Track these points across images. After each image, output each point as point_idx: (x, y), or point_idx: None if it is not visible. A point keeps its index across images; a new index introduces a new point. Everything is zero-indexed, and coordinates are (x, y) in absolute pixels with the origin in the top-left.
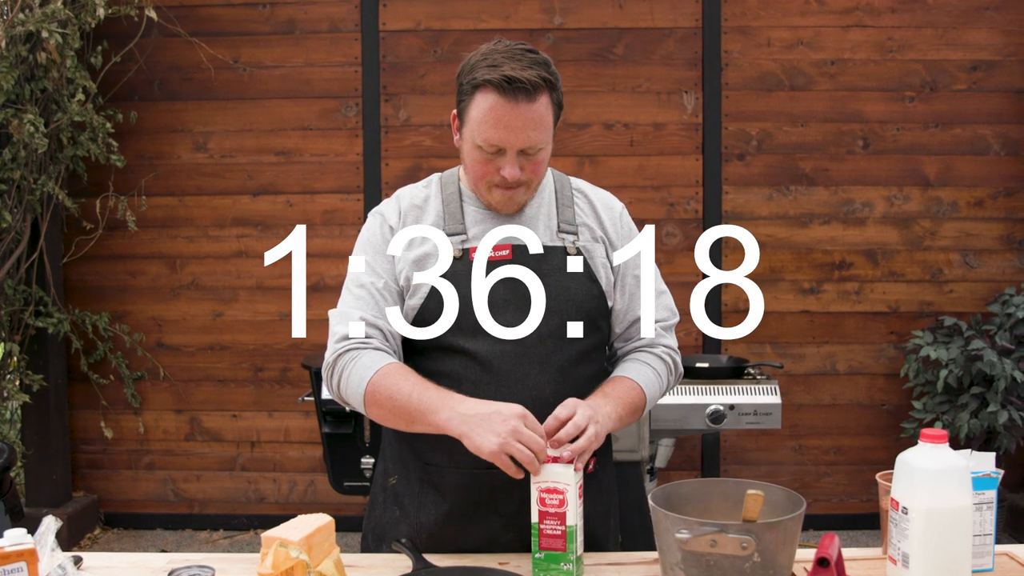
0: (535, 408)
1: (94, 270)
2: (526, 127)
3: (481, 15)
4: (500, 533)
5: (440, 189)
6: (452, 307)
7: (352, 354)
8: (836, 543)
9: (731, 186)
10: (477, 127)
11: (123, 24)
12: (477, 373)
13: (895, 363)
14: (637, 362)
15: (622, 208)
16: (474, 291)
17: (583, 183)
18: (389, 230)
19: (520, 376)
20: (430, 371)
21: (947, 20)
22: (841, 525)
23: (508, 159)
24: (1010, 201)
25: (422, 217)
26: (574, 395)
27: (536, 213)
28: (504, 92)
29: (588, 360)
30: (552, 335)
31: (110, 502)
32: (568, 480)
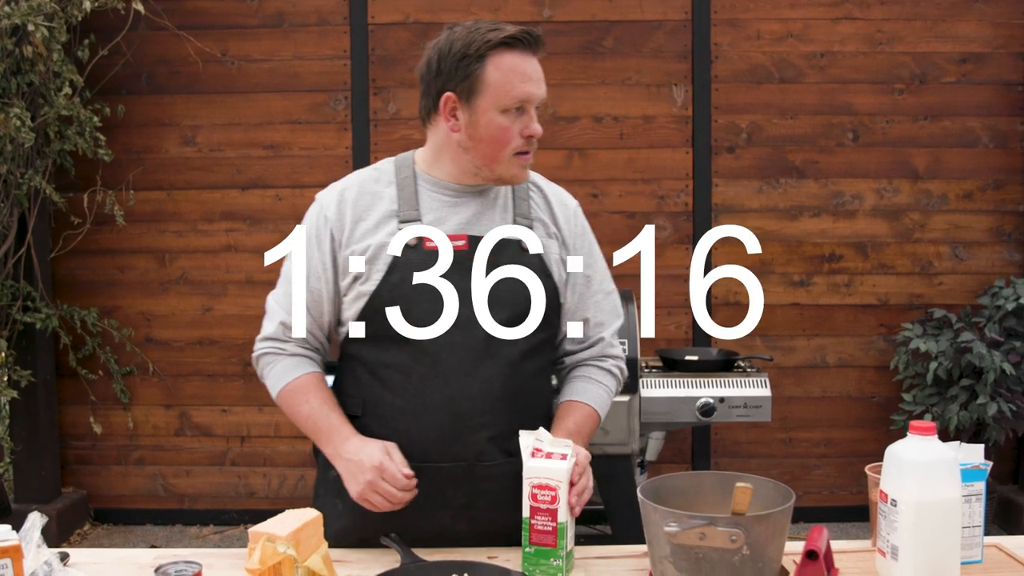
0: (485, 400)
1: (82, 265)
2: (542, 79)
3: (470, 7)
4: (449, 525)
5: (395, 173)
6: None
7: (268, 359)
8: (825, 535)
9: (721, 179)
10: (503, 89)
11: (110, 17)
12: (425, 366)
13: (885, 355)
14: (592, 382)
15: (576, 206)
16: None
17: (538, 177)
18: (325, 222)
19: (469, 369)
20: (380, 362)
21: (936, 12)
22: (831, 517)
23: (531, 115)
24: (999, 193)
25: (374, 204)
26: (523, 388)
27: (493, 204)
28: (524, 47)
29: (538, 354)
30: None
31: (99, 498)
32: (560, 477)
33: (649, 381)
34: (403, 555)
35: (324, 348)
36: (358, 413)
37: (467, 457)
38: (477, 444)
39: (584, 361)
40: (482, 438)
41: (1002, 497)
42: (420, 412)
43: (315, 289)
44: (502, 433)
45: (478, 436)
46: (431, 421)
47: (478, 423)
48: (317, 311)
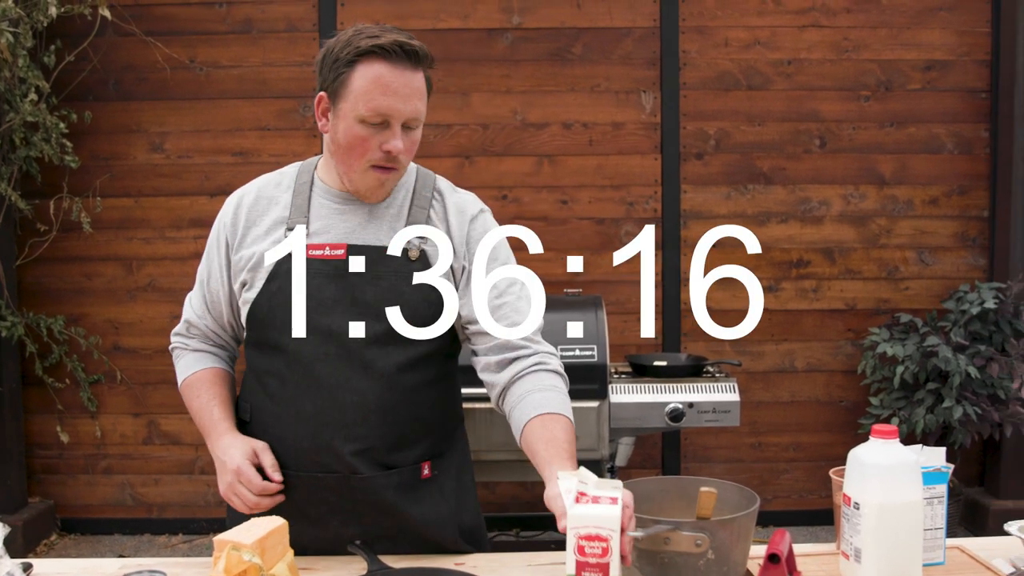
0: (357, 413)
1: (49, 272)
2: (413, 96)
3: (440, 15)
4: (340, 530)
5: (295, 179)
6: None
7: (176, 352)
8: (787, 539)
9: (689, 185)
10: (362, 98)
11: (76, 23)
12: (299, 375)
13: (852, 360)
14: (552, 391)
15: (478, 211)
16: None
17: (446, 185)
18: (223, 226)
19: (341, 381)
20: (263, 369)
21: (901, 20)
22: (801, 521)
23: (394, 131)
24: (964, 199)
25: (268, 209)
26: (401, 403)
27: (384, 213)
28: (393, 59)
29: (418, 368)
30: (378, 340)
31: (67, 507)
32: (612, 525)
33: (618, 387)
34: (369, 562)
35: (231, 347)
36: (247, 419)
37: (339, 468)
38: (347, 456)
39: (526, 371)
40: (353, 450)
41: (968, 499)
42: (293, 420)
43: (214, 290)
44: (375, 447)
45: (347, 448)
46: (303, 430)
47: (348, 435)
48: (216, 312)
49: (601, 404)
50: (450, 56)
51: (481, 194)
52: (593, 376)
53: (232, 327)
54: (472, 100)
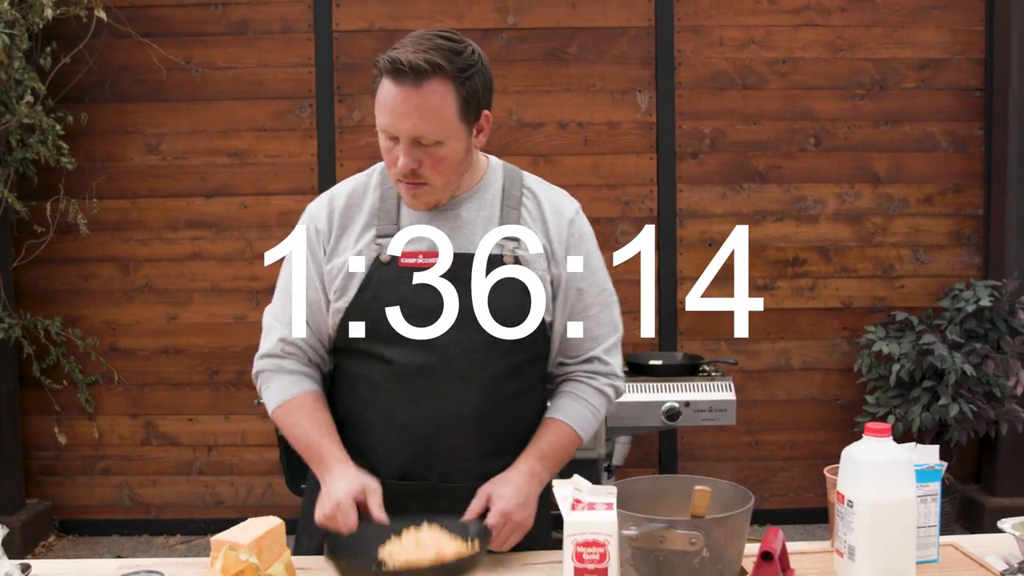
0: (452, 423)
1: (45, 274)
2: (411, 113)
3: (435, 15)
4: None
5: (381, 182)
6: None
7: (265, 375)
8: (780, 537)
9: (685, 184)
10: (377, 112)
11: (72, 25)
12: (392, 383)
13: (848, 358)
14: (577, 399)
15: (575, 213)
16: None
17: (537, 182)
18: (316, 233)
19: (436, 390)
20: (352, 371)
21: (896, 19)
22: (797, 519)
23: (400, 147)
24: (959, 197)
25: (357, 215)
26: (499, 412)
27: (475, 216)
28: (394, 76)
29: (517, 376)
30: (477, 350)
31: (64, 508)
32: (609, 530)
33: None
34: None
35: (325, 362)
36: (340, 421)
37: (430, 477)
38: (441, 465)
39: (574, 376)
40: (447, 459)
41: (965, 497)
42: (387, 428)
43: (313, 300)
44: (471, 456)
45: (443, 459)
46: (394, 437)
47: (444, 446)
48: (315, 323)
49: None
50: None
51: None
52: None
53: (330, 338)
54: None
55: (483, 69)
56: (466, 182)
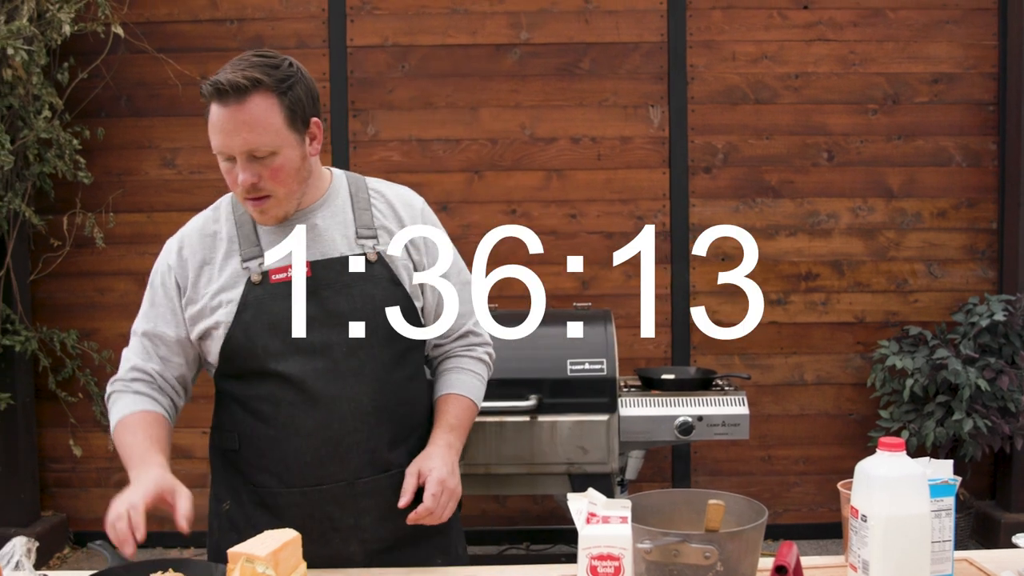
0: (356, 419)
1: (62, 287)
2: (239, 129)
3: (448, 31)
4: (341, 547)
5: (231, 212)
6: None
7: (115, 396)
8: (794, 551)
9: (698, 199)
10: (211, 137)
11: (89, 41)
12: (292, 394)
13: (862, 373)
14: (464, 372)
15: (423, 204)
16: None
17: (380, 182)
18: (168, 268)
19: (336, 391)
20: (250, 395)
21: (908, 34)
22: (811, 534)
23: (238, 165)
24: (972, 211)
25: (215, 246)
26: (395, 400)
27: (330, 223)
28: (219, 97)
29: (403, 363)
30: (362, 345)
31: (79, 520)
32: (624, 544)
33: (628, 400)
34: (111, 559)
35: (179, 390)
36: (235, 447)
37: (345, 476)
38: (352, 462)
39: (453, 352)
40: (356, 455)
41: (980, 512)
42: (293, 439)
43: (164, 336)
44: (377, 447)
45: (352, 454)
46: (305, 446)
47: (351, 441)
48: (166, 355)
49: (611, 417)
50: (459, 72)
51: (490, 208)
52: (602, 390)
53: (182, 368)
54: (481, 115)
55: (303, 79)
56: (313, 192)
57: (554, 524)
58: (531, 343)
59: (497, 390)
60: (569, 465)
